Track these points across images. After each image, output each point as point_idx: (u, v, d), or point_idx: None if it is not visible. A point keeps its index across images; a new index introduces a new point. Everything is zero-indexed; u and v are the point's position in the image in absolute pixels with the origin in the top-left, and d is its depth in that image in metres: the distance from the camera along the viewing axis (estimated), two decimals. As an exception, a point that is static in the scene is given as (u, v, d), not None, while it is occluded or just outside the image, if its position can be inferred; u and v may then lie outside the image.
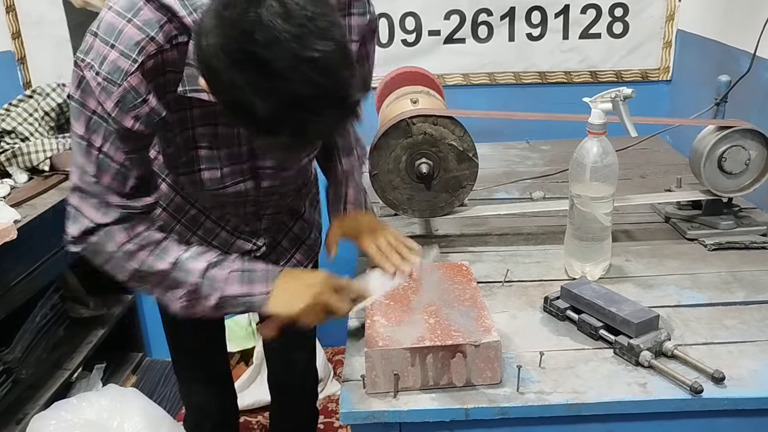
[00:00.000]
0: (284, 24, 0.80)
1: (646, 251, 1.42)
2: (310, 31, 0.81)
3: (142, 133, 0.99)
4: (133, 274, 1.06)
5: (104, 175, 1.01)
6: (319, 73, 0.82)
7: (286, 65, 0.80)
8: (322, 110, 0.86)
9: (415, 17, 2.24)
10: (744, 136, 1.41)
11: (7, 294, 1.73)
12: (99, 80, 0.94)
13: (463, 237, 1.53)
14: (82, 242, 1.05)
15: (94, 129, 0.98)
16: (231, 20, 0.81)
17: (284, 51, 0.80)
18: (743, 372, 1.02)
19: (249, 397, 2.27)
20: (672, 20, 2.23)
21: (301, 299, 1.05)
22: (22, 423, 1.82)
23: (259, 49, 0.80)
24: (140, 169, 1.04)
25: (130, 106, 0.96)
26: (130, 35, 0.94)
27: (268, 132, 0.89)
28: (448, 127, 1.41)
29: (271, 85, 0.82)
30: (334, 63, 0.83)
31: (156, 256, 1.05)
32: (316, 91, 0.83)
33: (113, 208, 1.03)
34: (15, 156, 1.94)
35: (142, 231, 1.05)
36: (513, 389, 1.00)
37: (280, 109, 0.84)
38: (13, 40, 2.26)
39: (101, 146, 0.99)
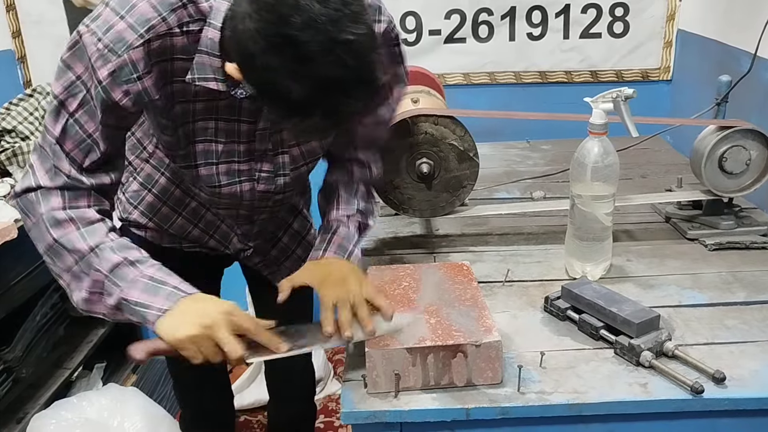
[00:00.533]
0: (321, 7, 0.82)
1: (647, 251, 1.42)
2: (344, 15, 0.83)
3: (126, 110, 0.98)
4: (51, 246, 1.00)
5: (67, 140, 0.99)
6: (352, 56, 0.84)
7: (321, 48, 0.83)
8: (353, 92, 0.88)
9: (416, 16, 2.25)
10: (745, 136, 1.41)
11: (7, 293, 1.73)
12: (99, 46, 0.94)
13: (464, 237, 1.53)
14: (19, 198, 1.02)
15: (73, 92, 0.97)
16: (268, 4, 0.83)
17: (320, 34, 0.82)
18: (744, 372, 1.02)
19: (249, 396, 2.27)
20: (672, 20, 2.23)
21: (189, 326, 0.94)
22: (22, 422, 1.82)
23: (295, 32, 0.82)
24: (108, 145, 1.01)
25: (123, 79, 0.95)
26: (143, 11, 0.94)
27: (301, 114, 0.90)
28: (449, 127, 1.41)
29: (305, 68, 0.84)
30: (365, 46, 0.86)
31: (80, 234, 0.99)
32: (349, 73, 0.85)
33: (62, 175, 0.99)
34: (15, 155, 1.94)
35: (80, 205, 1.01)
36: (514, 389, 1.00)
37: (314, 91, 0.86)
38: (13, 39, 2.27)
39: (74, 111, 0.98)
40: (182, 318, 0.95)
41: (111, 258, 0.98)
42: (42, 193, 1.00)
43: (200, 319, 0.94)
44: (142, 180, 1.25)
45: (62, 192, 1.00)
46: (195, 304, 0.98)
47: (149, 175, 1.23)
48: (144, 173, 1.24)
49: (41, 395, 1.93)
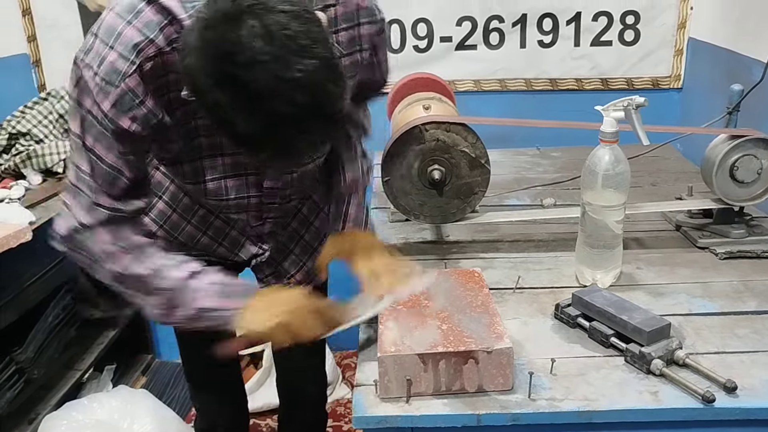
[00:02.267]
0: (265, 45, 0.80)
1: (657, 259, 1.42)
2: (291, 51, 0.81)
3: (138, 135, 0.99)
4: (115, 275, 1.05)
5: (95, 175, 1.01)
6: (301, 92, 0.82)
7: (267, 86, 0.81)
8: (308, 127, 0.86)
9: (427, 23, 2.26)
10: (756, 145, 1.41)
11: (20, 295, 1.74)
12: (97, 81, 0.94)
13: (475, 243, 1.54)
14: (67, 241, 1.05)
15: (86, 128, 0.98)
16: (212, 41, 0.82)
17: (265, 72, 0.80)
18: (755, 382, 1.02)
19: (258, 399, 2.28)
20: (684, 28, 2.23)
21: (267, 319, 1.03)
22: (33, 423, 1.83)
23: (239, 71, 0.81)
24: (132, 172, 1.03)
25: (127, 108, 0.96)
26: (129, 37, 0.94)
27: (253, 149, 0.91)
28: (460, 134, 1.42)
29: (253, 106, 0.83)
30: (317, 80, 0.83)
31: (138, 261, 1.04)
32: (300, 109, 0.83)
33: (101, 209, 1.02)
34: (30, 158, 1.96)
35: (126, 234, 1.05)
36: (525, 396, 1.00)
37: (264, 128, 0.85)
38: (28, 43, 2.29)
39: (92, 146, 0.99)
40: (261, 311, 1.04)
41: (174, 275, 1.04)
42: (90, 233, 1.03)
43: (279, 308, 1.03)
44: (152, 188, 1.26)
45: (105, 226, 1.03)
46: (268, 296, 1.07)
47: (159, 183, 1.24)
48: (155, 181, 1.25)
49: (52, 396, 1.94)
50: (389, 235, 1.58)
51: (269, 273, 1.36)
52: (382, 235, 1.57)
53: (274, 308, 1.04)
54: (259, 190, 1.18)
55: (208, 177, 1.13)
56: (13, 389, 1.77)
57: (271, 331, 1.03)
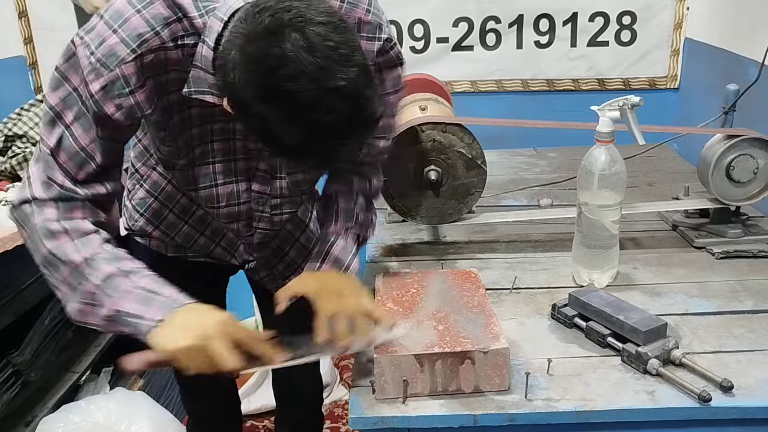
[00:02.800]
0: (308, 56, 0.81)
1: (654, 259, 1.42)
2: (333, 60, 0.82)
3: (119, 123, 0.97)
4: (45, 257, 0.99)
5: (61, 152, 0.98)
6: (344, 101, 0.84)
7: (312, 97, 0.82)
8: (347, 134, 0.88)
9: (424, 24, 2.26)
10: (752, 144, 1.41)
11: (17, 297, 1.74)
12: (92, 60, 0.93)
13: (471, 244, 1.54)
14: (15, 210, 1.01)
15: (68, 104, 0.97)
16: (255, 55, 0.83)
17: (310, 83, 0.81)
18: (752, 381, 1.02)
19: (256, 401, 2.28)
20: (680, 28, 2.24)
21: (183, 338, 0.92)
22: (30, 425, 1.82)
23: (285, 83, 0.81)
24: (104, 158, 1.00)
25: (115, 93, 0.94)
26: (135, 25, 0.93)
27: (295, 157, 0.92)
28: (457, 135, 1.42)
29: (299, 117, 0.84)
30: (358, 87, 0.84)
31: (74, 245, 0.98)
32: (342, 117, 0.85)
33: (55, 186, 0.99)
34: (26, 160, 1.96)
35: (74, 217, 1.00)
36: (521, 396, 1.00)
37: (309, 138, 0.86)
38: (25, 45, 2.29)
39: (70, 123, 0.97)
40: (176, 329, 0.93)
41: (104, 268, 0.97)
42: (36, 205, 0.99)
43: (195, 331, 0.93)
44: (148, 187, 1.25)
45: (56, 203, 0.99)
46: (190, 314, 0.96)
47: (156, 183, 1.24)
48: (150, 180, 1.24)
49: (49, 399, 1.93)
50: (386, 236, 1.58)
51: (264, 276, 1.36)
52: (379, 237, 1.57)
53: (192, 329, 0.93)
54: (249, 196, 1.18)
55: (200, 184, 1.13)
56: (10, 392, 1.76)
57: (181, 352, 0.93)
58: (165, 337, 0.93)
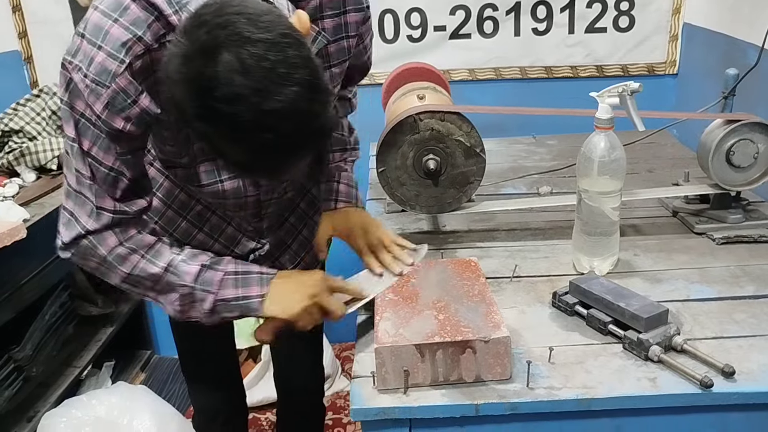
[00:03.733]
0: (243, 79, 0.79)
1: (654, 246, 1.42)
2: (270, 81, 0.80)
3: (133, 134, 0.98)
4: (126, 278, 1.05)
5: (98, 178, 1.00)
6: (285, 120, 0.81)
7: (250, 119, 0.80)
8: (294, 149, 0.87)
9: (421, 13, 2.24)
10: (752, 129, 1.41)
11: (17, 292, 1.74)
12: (87, 82, 0.93)
13: (471, 233, 1.53)
14: (73, 247, 1.03)
15: (82, 132, 0.97)
16: (191, 77, 0.81)
17: (246, 106, 0.80)
18: (753, 366, 1.01)
19: (258, 393, 2.28)
20: (678, 13, 2.23)
21: (297, 302, 1.06)
22: (33, 421, 1.83)
23: (220, 105, 0.80)
24: (132, 171, 1.02)
25: (119, 108, 0.94)
26: (117, 36, 0.92)
27: (245, 172, 0.94)
28: (455, 123, 1.41)
29: (238, 137, 0.83)
30: (300, 105, 0.82)
31: (148, 260, 1.04)
32: (285, 137, 0.83)
33: (105, 213, 1.01)
34: (23, 155, 1.95)
35: (133, 234, 1.04)
36: (523, 385, 1.00)
37: (253, 157, 0.86)
38: (19, 40, 2.28)
39: (89, 150, 0.98)
40: (285, 297, 1.06)
41: (189, 269, 1.05)
42: (96, 238, 1.02)
43: (305, 291, 1.06)
44: None
45: (111, 229, 1.02)
46: (289, 280, 1.09)
47: (153, 178, 1.22)
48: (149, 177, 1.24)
49: (51, 394, 1.94)
50: (386, 226, 1.55)
51: (278, 254, 1.36)
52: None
53: (298, 292, 1.06)
54: (256, 189, 1.18)
55: (204, 181, 1.12)
56: (12, 387, 1.77)
57: (297, 314, 1.05)
58: (278, 306, 1.06)
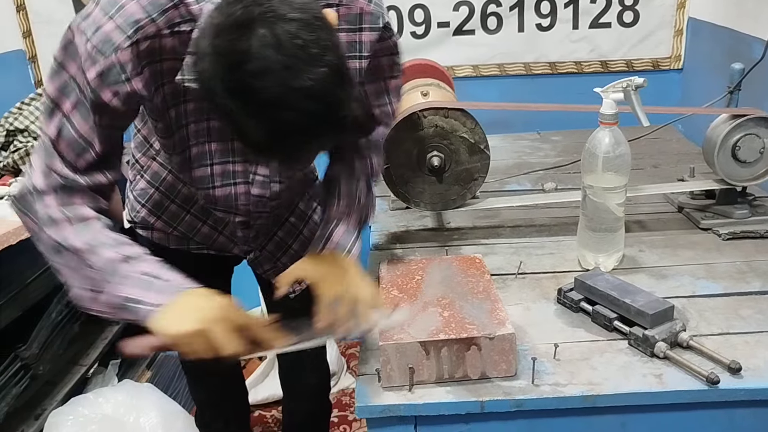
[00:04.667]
0: (275, 54, 0.79)
1: (660, 241, 1.41)
2: (301, 60, 0.80)
3: (117, 110, 0.96)
4: (53, 246, 0.98)
5: (61, 141, 0.98)
6: (311, 100, 0.81)
7: (277, 95, 0.80)
8: (316, 134, 0.86)
9: (424, 9, 2.24)
10: (758, 124, 1.40)
11: (23, 291, 1.74)
12: (88, 47, 0.92)
13: (476, 229, 1.53)
14: (18, 201, 1.01)
15: (66, 93, 0.96)
16: (223, 48, 0.81)
17: (275, 81, 0.80)
18: (760, 362, 1.01)
19: (263, 391, 2.28)
20: (683, 8, 2.21)
21: (184, 322, 0.92)
22: (40, 418, 1.83)
23: (250, 79, 0.80)
24: (103, 146, 0.99)
25: (112, 81, 0.93)
26: (132, 11, 0.92)
27: (262, 153, 0.90)
28: (459, 120, 1.40)
29: (263, 114, 0.82)
30: (327, 88, 0.82)
31: (76, 232, 0.98)
32: (309, 118, 0.83)
33: (55, 175, 0.98)
34: (28, 154, 1.95)
35: (75, 203, 0.99)
36: (528, 381, 1.00)
37: (274, 136, 0.84)
38: (24, 39, 2.28)
39: (68, 112, 0.96)
40: (176, 314, 0.93)
41: (105, 254, 0.97)
42: (37, 195, 0.99)
43: (195, 315, 0.92)
44: (149, 178, 1.25)
45: (56, 192, 0.99)
46: (190, 299, 0.95)
47: (156, 173, 1.23)
48: (151, 171, 1.24)
49: (58, 392, 1.94)
50: (390, 223, 1.57)
51: (269, 268, 1.35)
52: (383, 224, 1.56)
53: (194, 313, 0.92)
54: (247, 199, 1.17)
55: (195, 164, 1.11)
56: (19, 385, 1.77)
57: (181, 337, 0.92)
58: (165, 322, 0.92)
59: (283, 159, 0.92)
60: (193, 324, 0.91)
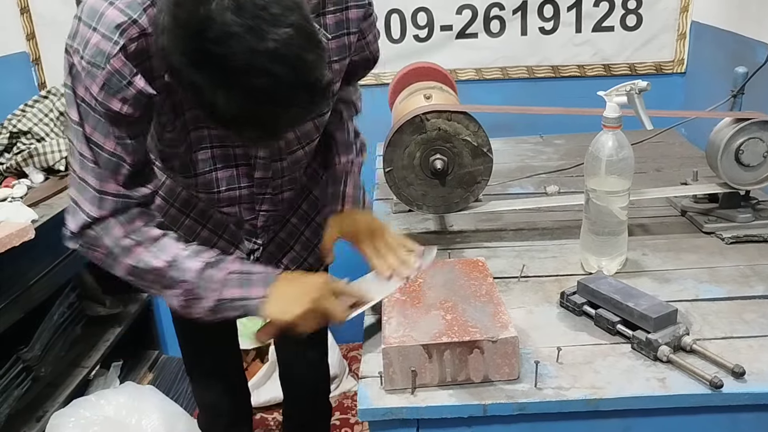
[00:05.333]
0: (235, 17, 0.78)
1: (663, 245, 1.41)
2: (264, 20, 0.79)
3: (131, 116, 0.97)
4: (130, 270, 1.04)
5: (100, 162, 0.99)
6: (279, 62, 0.80)
7: (242, 60, 0.79)
8: (288, 100, 0.85)
9: (427, 12, 2.24)
10: (762, 128, 1.40)
11: (25, 293, 1.74)
12: (84, 64, 0.93)
13: (479, 232, 1.53)
14: (79, 237, 1.03)
15: (83, 116, 0.97)
16: (182, 19, 0.80)
17: (239, 45, 0.79)
18: (764, 366, 1.01)
19: (265, 393, 2.28)
20: (686, 12, 2.21)
21: (298, 304, 1.04)
22: (41, 420, 1.84)
23: (212, 47, 0.79)
24: (132, 157, 1.01)
25: (115, 89, 0.94)
26: (112, 18, 0.92)
27: (236, 127, 0.89)
28: (462, 123, 1.40)
29: (230, 82, 0.81)
30: (293, 49, 0.81)
31: (152, 253, 1.03)
32: (278, 81, 0.81)
33: (109, 198, 1.00)
34: (31, 156, 1.96)
35: (140, 226, 1.03)
36: (531, 385, 0.99)
37: (245, 105, 0.83)
38: (27, 42, 2.29)
39: (90, 134, 0.98)
40: (287, 299, 1.04)
41: (191, 266, 1.03)
42: (102, 227, 1.01)
43: (308, 294, 1.04)
44: None
45: (116, 217, 1.01)
46: (292, 282, 1.07)
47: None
48: None
49: (60, 394, 1.95)
50: (393, 227, 1.57)
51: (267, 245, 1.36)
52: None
53: (300, 295, 1.04)
54: (249, 180, 1.17)
55: (199, 170, 1.12)
56: (21, 387, 1.77)
57: (298, 317, 1.03)
58: (278, 309, 1.04)
59: (259, 133, 0.91)
60: (306, 304, 1.03)
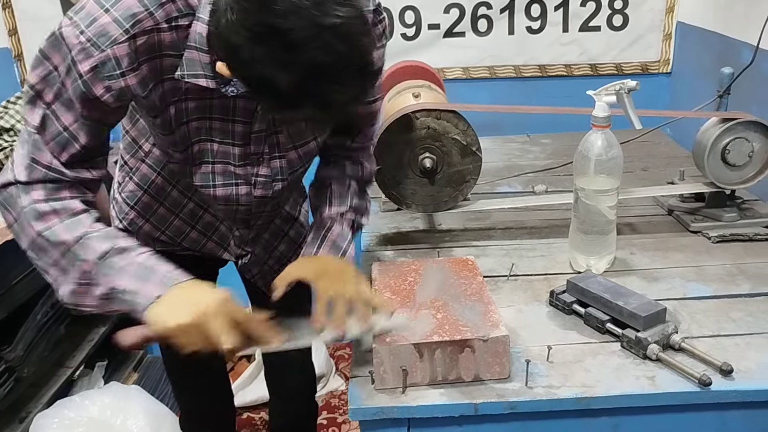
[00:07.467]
0: None
1: (650, 244, 1.42)
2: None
3: (108, 105, 0.94)
4: (34, 240, 0.96)
5: (46, 132, 0.96)
6: (340, 39, 0.81)
7: (306, 34, 0.80)
8: (344, 78, 0.85)
9: (415, 11, 2.24)
10: (747, 128, 1.41)
11: (8, 293, 1.72)
12: (81, 39, 0.90)
13: (467, 231, 1.53)
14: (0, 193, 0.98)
15: (49, 83, 0.94)
16: None
17: (304, 19, 0.80)
18: (751, 364, 1.02)
19: (252, 393, 2.27)
20: (672, 12, 2.23)
21: (183, 314, 0.90)
22: (25, 421, 1.81)
23: (278, 20, 0.80)
24: (88, 139, 0.97)
25: (105, 75, 0.91)
26: (129, 4, 0.90)
27: (292, 105, 0.87)
28: (451, 122, 1.40)
29: (292, 56, 0.81)
30: (354, 29, 0.83)
31: (65, 225, 0.95)
32: (338, 58, 0.82)
33: (41, 167, 0.96)
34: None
35: (64, 196, 0.97)
36: (522, 384, 0.99)
37: (303, 80, 0.83)
38: (9, 37, 2.25)
39: (50, 102, 0.95)
40: (174, 306, 0.91)
41: (99, 247, 0.94)
42: (22, 187, 0.96)
43: (193, 308, 0.90)
44: (138, 180, 1.22)
45: (43, 184, 0.96)
46: (188, 290, 0.93)
47: (145, 175, 1.21)
48: (140, 173, 1.21)
49: (43, 394, 1.92)
50: (381, 225, 1.56)
51: (256, 272, 1.34)
52: (374, 225, 1.56)
53: (189, 305, 0.91)
54: (248, 200, 1.15)
55: (197, 162, 1.10)
56: (3, 388, 1.75)
57: (178, 329, 0.90)
58: (162, 314, 0.91)
59: (315, 109, 0.88)
60: (190, 316, 0.90)
